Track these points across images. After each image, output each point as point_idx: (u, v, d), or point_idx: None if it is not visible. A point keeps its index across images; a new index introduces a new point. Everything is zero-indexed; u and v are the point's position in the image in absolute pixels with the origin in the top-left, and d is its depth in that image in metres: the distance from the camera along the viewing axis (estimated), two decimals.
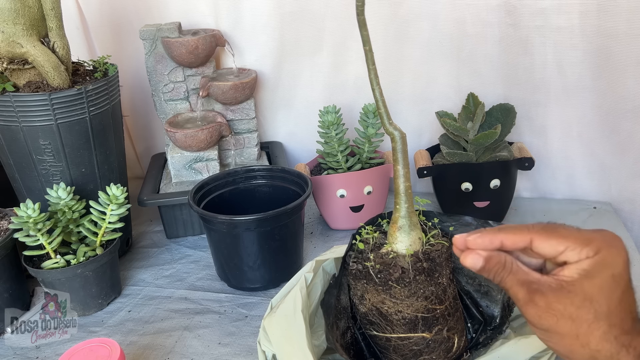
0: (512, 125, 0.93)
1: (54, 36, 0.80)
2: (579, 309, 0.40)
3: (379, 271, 0.55)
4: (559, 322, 0.41)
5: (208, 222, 0.81)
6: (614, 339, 0.40)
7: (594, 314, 0.40)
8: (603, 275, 0.41)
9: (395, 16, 0.99)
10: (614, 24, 0.88)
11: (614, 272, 0.41)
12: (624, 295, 0.41)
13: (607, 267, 0.41)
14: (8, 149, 0.81)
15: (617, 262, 0.41)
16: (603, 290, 0.41)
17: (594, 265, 0.41)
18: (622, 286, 0.41)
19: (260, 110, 1.16)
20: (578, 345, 0.41)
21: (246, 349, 0.72)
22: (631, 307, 0.42)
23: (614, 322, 0.40)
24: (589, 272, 0.41)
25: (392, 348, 0.57)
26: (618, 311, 0.41)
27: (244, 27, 1.07)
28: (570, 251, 0.42)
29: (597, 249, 0.41)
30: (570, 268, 0.41)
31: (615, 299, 0.41)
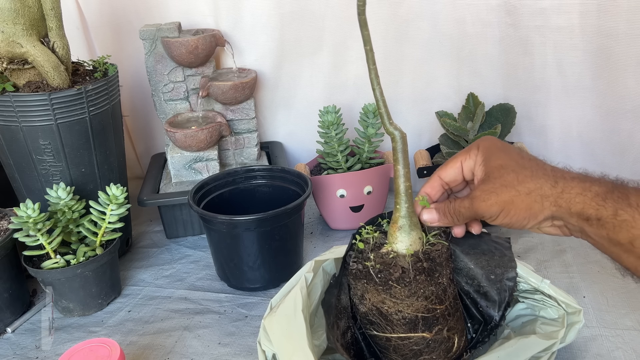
0: (512, 125, 0.93)
1: (53, 36, 0.80)
2: (501, 176, 0.50)
3: (379, 271, 0.55)
4: (499, 192, 0.50)
5: (208, 222, 0.81)
6: (542, 175, 0.50)
7: (513, 171, 0.50)
8: (493, 151, 0.53)
9: (395, 16, 0.99)
10: (614, 24, 0.88)
11: (497, 145, 0.54)
12: (523, 151, 0.53)
13: (490, 147, 0.54)
14: (8, 149, 0.81)
15: (492, 141, 0.55)
16: (502, 156, 0.52)
17: (483, 154, 0.53)
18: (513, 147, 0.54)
19: (260, 110, 1.16)
20: (524, 196, 0.49)
21: (246, 349, 0.72)
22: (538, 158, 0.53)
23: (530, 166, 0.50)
24: (485, 159, 0.53)
25: (392, 348, 0.57)
26: (527, 160, 0.52)
27: (243, 27, 1.07)
28: (466, 162, 0.55)
29: (475, 146, 0.55)
30: (476, 171, 0.54)
31: (515, 155, 0.52)
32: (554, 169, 0.50)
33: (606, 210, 0.45)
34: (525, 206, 0.49)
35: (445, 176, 0.56)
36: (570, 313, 0.64)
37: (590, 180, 0.47)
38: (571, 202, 0.47)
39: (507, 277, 0.62)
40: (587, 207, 0.46)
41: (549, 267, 0.83)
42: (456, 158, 0.55)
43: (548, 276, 0.79)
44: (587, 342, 0.68)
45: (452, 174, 0.56)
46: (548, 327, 0.63)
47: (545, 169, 0.50)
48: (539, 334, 0.61)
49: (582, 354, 0.66)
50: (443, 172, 0.56)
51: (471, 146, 0.55)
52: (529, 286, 0.65)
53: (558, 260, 0.84)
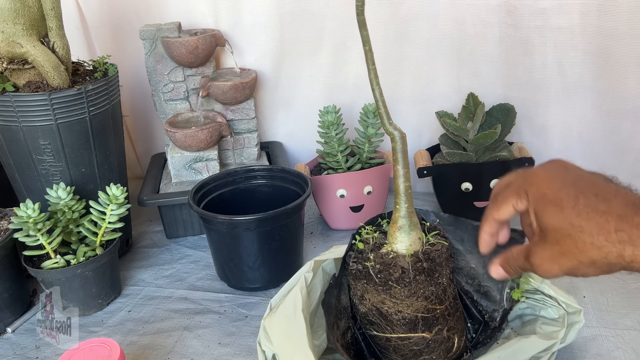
0: (512, 125, 0.93)
1: (53, 36, 0.80)
2: (558, 242, 0.44)
3: (379, 271, 0.55)
4: (560, 262, 0.44)
5: (208, 222, 0.81)
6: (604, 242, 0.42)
7: (569, 236, 0.43)
8: (544, 206, 0.45)
9: (395, 16, 0.99)
10: (615, 24, 0.88)
11: (547, 196, 0.45)
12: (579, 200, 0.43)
13: (540, 198, 0.46)
14: (8, 149, 0.81)
15: (538, 185, 0.47)
16: (554, 215, 0.44)
17: (534, 206, 0.46)
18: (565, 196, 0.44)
19: (260, 110, 1.16)
20: (588, 265, 0.43)
21: (246, 349, 0.72)
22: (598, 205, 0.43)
23: (589, 229, 0.42)
24: (537, 213, 0.46)
25: (392, 348, 0.57)
26: (585, 220, 0.42)
27: (243, 27, 1.07)
28: (518, 206, 0.49)
29: (525, 192, 0.48)
30: (532, 220, 0.47)
31: (570, 213, 0.43)
32: (619, 226, 0.41)
33: None
34: (592, 271, 0.44)
35: (500, 217, 0.52)
36: (570, 313, 0.64)
37: None
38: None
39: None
40: None
41: None
42: (507, 200, 0.49)
43: None
44: (587, 342, 0.68)
45: (505, 215, 0.51)
46: (548, 327, 0.63)
47: (609, 231, 0.41)
48: (539, 334, 0.61)
49: (582, 354, 0.66)
50: (496, 213, 0.51)
51: (520, 188, 0.48)
52: (529, 286, 0.65)
53: None
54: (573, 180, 0.45)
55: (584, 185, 0.45)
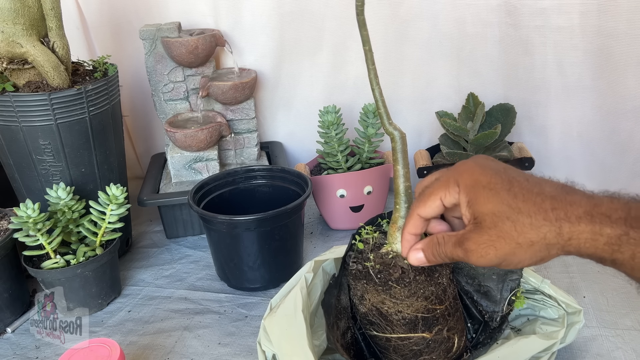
0: (512, 125, 0.93)
1: (53, 36, 0.80)
2: (495, 226, 0.43)
3: (378, 271, 0.55)
4: (497, 246, 0.43)
5: (208, 222, 0.81)
6: (542, 221, 0.41)
7: (507, 218, 0.42)
8: (478, 191, 0.45)
9: (395, 16, 0.99)
10: (615, 24, 0.88)
11: (481, 182, 0.45)
12: (513, 184, 0.44)
13: (473, 185, 0.45)
14: (8, 149, 0.81)
15: (469, 173, 0.46)
16: (490, 198, 0.44)
17: (466, 194, 0.46)
18: (499, 180, 0.44)
19: (260, 110, 1.16)
20: (527, 247, 0.43)
21: (246, 349, 0.72)
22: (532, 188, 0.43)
23: (527, 210, 0.42)
24: (470, 201, 0.45)
25: (392, 348, 0.57)
26: (522, 201, 0.42)
27: (243, 27, 1.07)
28: (447, 199, 0.47)
29: (455, 182, 0.47)
30: (463, 211, 0.46)
31: (506, 196, 0.43)
32: (554, 205, 0.41)
33: (622, 254, 0.39)
34: (529, 256, 0.43)
35: (425, 214, 0.50)
36: (570, 313, 0.64)
37: (600, 220, 0.40)
38: (581, 248, 0.41)
39: (510, 277, 0.62)
40: (599, 251, 0.40)
41: (549, 267, 0.83)
42: (434, 194, 0.48)
43: (548, 276, 0.79)
44: (587, 342, 0.68)
45: (432, 211, 0.49)
46: (548, 327, 0.63)
47: (545, 209, 0.41)
48: (539, 334, 0.61)
49: (582, 354, 0.66)
50: (422, 209, 0.49)
51: (449, 180, 0.47)
52: (530, 286, 0.66)
53: (558, 260, 0.84)
54: (503, 168, 0.46)
55: (514, 172, 0.45)
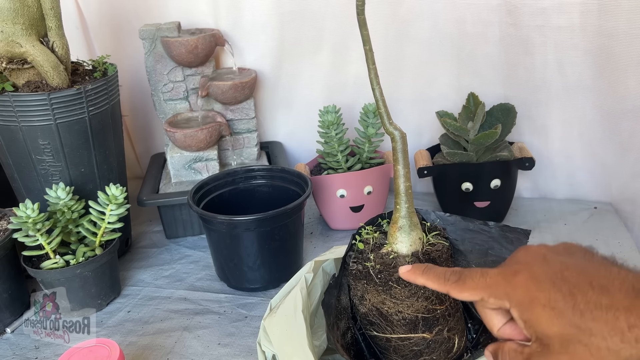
0: (512, 125, 0.93)
1: (53, 36, 0.80)
2: (567, 351, 0.37)
3: (379, 271, 0.55)
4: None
5: (208, 222, 0.80)
6: (620, 344, 0.36)
7: (579, 342, 0.37)
8: (537, 312, 0.39)
9: (395, 16, 0.99)
10: (615, 23, 0.88)
11: (539, 300, 0.39)
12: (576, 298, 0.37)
13: (529, 303, 0.39)
14: (7, 149, 0.81)
15: (529, 294, 0.39)
16: (554, 320, 0.38)
17: (521, 313, 0.40)
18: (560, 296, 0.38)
19: (260, 110, 1.15)
20: None
21: (246, 349, 0.72)
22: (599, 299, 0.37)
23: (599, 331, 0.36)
24: (528, 321, 0.39)
25: (393, 348, 0.57)
26: (591, 320, 0.37)
27: (243, 26, 1.07)
28: (489, 301, 0.42)
29: (505, 294, 0.41)
30: (520, 326, 0.40)
31: (572, 316, 0.37)
32: (631, 322, 0.35)
33: None
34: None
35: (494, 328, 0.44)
36: None
37: None
38: None
39: None
40: None
41: None
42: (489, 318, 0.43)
43: None
44: None
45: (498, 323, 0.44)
46: None
47: (622, 330, 0.35)
48: None
49: None
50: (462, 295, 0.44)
51: (498, 292, 0.41)
52: None
53: None
54: (560, 273, 0.39)
55: (574, 275, 0.39)
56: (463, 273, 0.44)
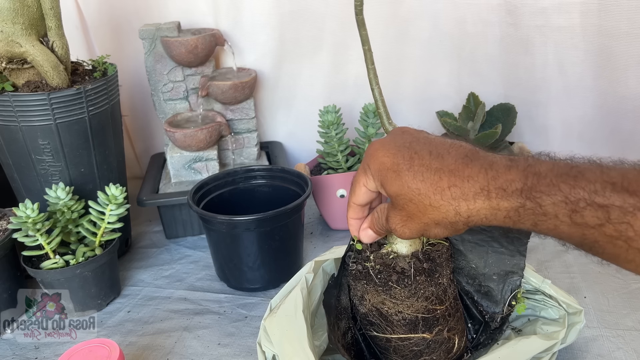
0: (512, 125, 0.93)
1: (53, 36, 0.80)
2: (403, 207, 0.44)
3: (379, 272, 0.55)
4: (410, 225, 0.45)
5: (207, 222, 0.80)
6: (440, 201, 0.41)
7: (410, 201, 0.43)
8: (384, 174, 0.45)
9: (395, 15, 0.99)
10: (615, 23, 0.88)
11: (385, 164, 0.45)
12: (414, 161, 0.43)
13: (380, 168, 0.46)
14: (7, 148, 0.81)
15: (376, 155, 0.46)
16: (395, 181, 0.44)
17: (377, 178, 0.46)
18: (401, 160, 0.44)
19: (260, 110, 1.15)
20: (434, 226, 0.44)
21: (246, 349, 0.72)
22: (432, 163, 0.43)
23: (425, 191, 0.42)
24: (381, 183, 0.46)
25: (393, 349, 0.57)
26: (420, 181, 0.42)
27: (243, 26, 1.07)
28: (369, 184, 0.49)
29: (368, 167, 0.48)
30: (382, 192, 0.48)
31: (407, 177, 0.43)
32: (452, 182, 0.41)
33: (524, 224, 0.39)
34: (440, 231, 0.44)
35: (358, 202, 0.52)
36: (571, 313, 0.64)
37: (497, 194, 0.39)
38: (483, 222, 0.41)
39: (511, 278, 0.62)
40: (501, 223, 0.40)
41: (549, 268, 0.83)
42: (358, 181, 0.50)
43: (549, 276, 0.79)
44: (588, 342, 0.67)
45: (362, 198, 0.51)
46: (549, 328, 0.63)
47: (442, 188, 0.41)
48: (539, 335, 0.61)
49: (583, 354, 0.66)
50: (354, 198, 0.52)
51: (364, 165, 0.49)
52: (530, 286, 0.65)
53: (559, 261, 0.84)
54: (409, 142, 0.45)
55: (419, 145, 0.45)
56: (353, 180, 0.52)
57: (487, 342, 0.62)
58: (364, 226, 0.53)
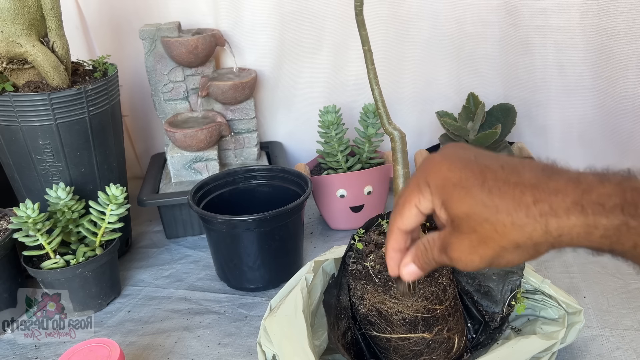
0: (512, 125, 0.93)
1: (53, 36, 0.80)
2: (475, 230, 0.38)
3: (378, 271, 0.55)
4: (481, 252, 0.38)
5: (208, 222, 0.81)
6: (525, 219, 0.36)
7: (486, 220, 0.37)
8: (449, 191, 0.39)
9: (395, 16, 0.99)
10: (615, 23, 0.88)
11: (450, 179, 0.39)
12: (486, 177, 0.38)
13: (443, 184, 0.40)
14: (7, 149, 0.81)
15: (437, 170, 0.40)
16: (464, 198, 0.38)
17: (438, 196, 0.40)
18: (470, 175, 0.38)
19: (260, 110, 1.15)
20: (513, 250, 0.38)
21: (246, 349, 0.72)
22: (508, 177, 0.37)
23: (505, 208, 0.36)
24: (444, 202, 0.39)
25: (393, 348, 0.57)
26: (498, 197, 0.37)
27: (243, 26, 1.07)
28: (422, 205, 0.41)
29: (425, 184, 0.41)
30: (439, 214, 0.41)
31: (480, 193, 0.37)
32: (537, 197, 0.36)
33: (622, 246, 0.34)
34: (517, 257, 0.38)
35: (405, 226, 0.44)
36: (570, 313, 0.64)
37: (593, 210, 0.34)
38: (574, 243, 0.36)
39: (510, 278, 0.62)
40: (595, 245, 0.35)
41: (549, 267, 0.83)
42: (408, 201, 0.42)
43: (549, 276, 0.79)
44: (587, 342, 0.68)
45: (411, 222, 0.43)
46: (548, 327, 0.63)
47: (527, 204, 0.36)
48: (539, 334, 0.61)
49: (583, 354, 0.66)
50: (401, 222, 0.43)
51: (419, 180, 0.41)
52: (530, 286, 0.65)
53: (559, 261, 0.84)
54: (474, 156, 0.40)
55: (487, 159, 0.39)
56: (397, 200, 0.45)
57: (487, 342, 0.62)
58: (406, 261, 0.45)
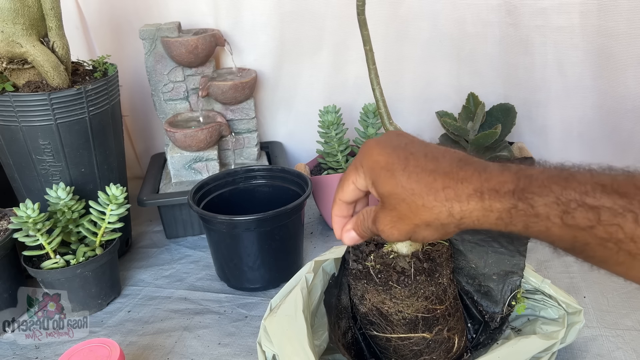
0: (512, 125, 0.93)
1: (53, 36, 0.80)
2: (394, 208, 0.43)
3: (379, 271, 0.55)
4: (399, 227, 0.44)
5: (208, 222, 0.81)
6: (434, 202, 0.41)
7: (403, 201, 0.43)
8: (377, 173, 0.44)
9: (395, 16, 0.99)
10: (615, 23, 0.88)
11: (379, 162, 0.44)
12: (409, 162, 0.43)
13: (373, 166, 0.45)
14: (7, 149, 0.81)
15: (370, 153, 0.45)
16: (388, 180, 0.43)
17: (369, 176, 0.46)
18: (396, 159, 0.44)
19: (260, 110, 1.15)
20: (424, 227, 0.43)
21: (246, 349, 0.72)
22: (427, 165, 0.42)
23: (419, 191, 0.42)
24: (373, 182, 0.45)
25: (393, 348, 0.57)
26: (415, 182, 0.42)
27: (243, 26, 1.07)
28: (358, 182, 0.47)
29: (360, 165, 0.47)
30: (372, 191, 0.47)
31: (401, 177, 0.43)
32: (446, 184, 0.41)
33: (515, 226, 0.39)
34: (430, 234, 0.44)
35: (345, 199, 0.50)
36: (570, 313, 0.64)
37: (490, 195, 0.39)
38: (475, 225, 0.41)
39: (511, 278, 0.62)
40: (494, 226, 0.40)
41: (549, 267, 0.83)
42: (347, 178, 0.48)
43: (548, 276, 0.79)
44: (587, 342, 0.68)
45: (350, 195, 0.49)
46: (548, 327, 0.63)
47: (436, 189, 0.41)
48: (539, 334, 0.61)
49: (583, 354, 0.66)
50: (342, 194, 0.50)
51: (356, 163, 0.48)
52: (530, 286, 0.65)
53: (559, 261, 0.84)
54: (405, 143, 0.45)
55: (415, 147, 0.45)
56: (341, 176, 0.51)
57: (487, 342, 0.62)
58: (347, 227, 0.51)
